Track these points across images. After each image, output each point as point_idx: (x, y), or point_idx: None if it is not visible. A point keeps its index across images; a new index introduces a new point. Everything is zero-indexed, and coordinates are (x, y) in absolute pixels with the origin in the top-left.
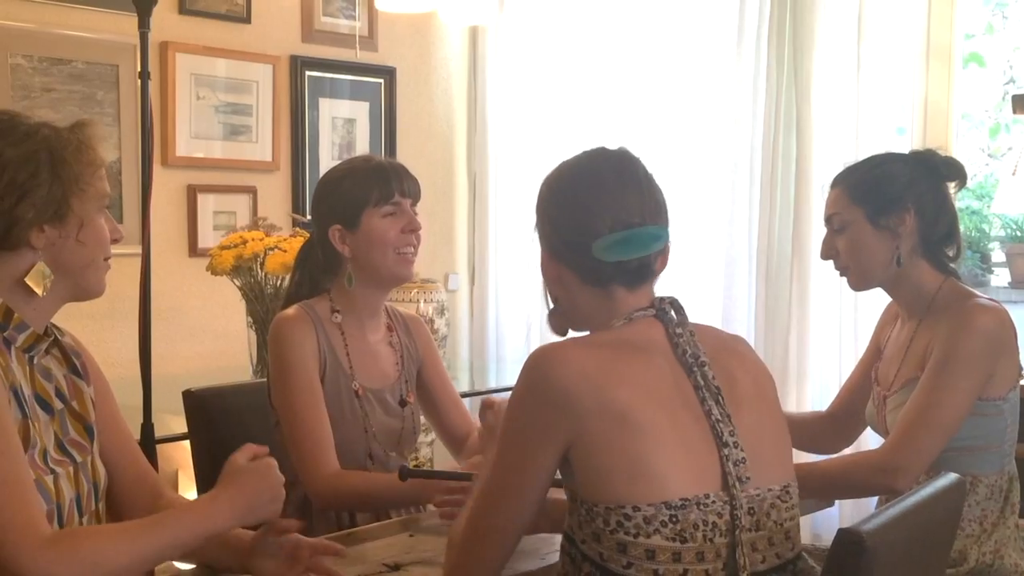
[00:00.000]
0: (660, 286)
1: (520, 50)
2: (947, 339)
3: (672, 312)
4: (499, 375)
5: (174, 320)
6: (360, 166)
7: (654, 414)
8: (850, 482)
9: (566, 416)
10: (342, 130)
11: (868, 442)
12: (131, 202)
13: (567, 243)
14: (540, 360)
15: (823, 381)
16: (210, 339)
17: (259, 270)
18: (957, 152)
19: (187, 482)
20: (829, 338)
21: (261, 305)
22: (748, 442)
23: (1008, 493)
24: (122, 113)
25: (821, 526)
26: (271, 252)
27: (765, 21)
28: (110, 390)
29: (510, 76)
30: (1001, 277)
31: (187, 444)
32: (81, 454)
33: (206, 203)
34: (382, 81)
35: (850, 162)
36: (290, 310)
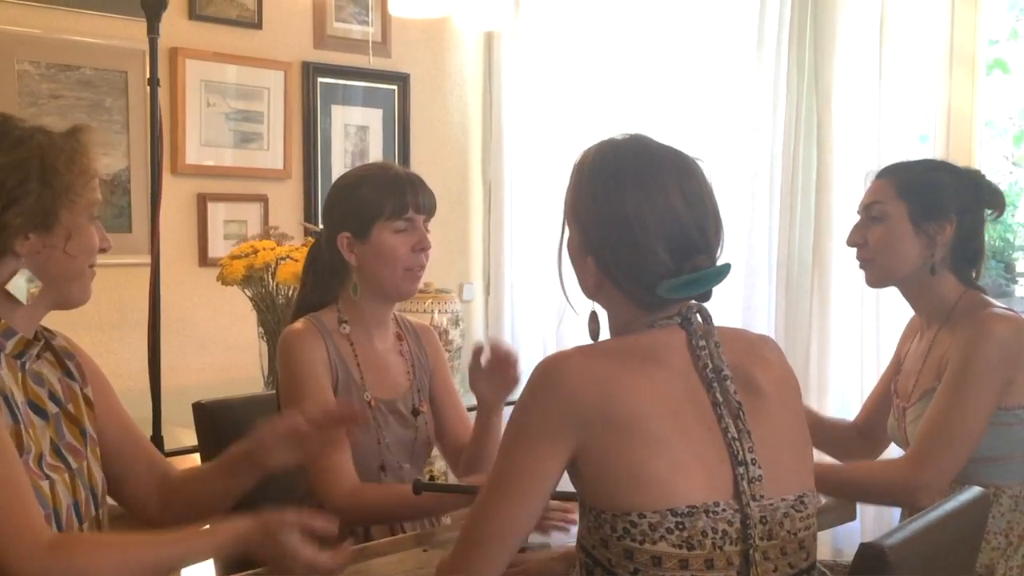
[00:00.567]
0: None
1: (536, 56)
2: (963, 349)
3: (699, 319)
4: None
5: (184, 331)
6: (377, 175)
7: (660, 424)
8: (871, 493)
9: (572, 423)
10: (355, 137)
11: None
12: (140, 211)
13: (626, 274)
14: (548, 367)
15: (844, 393)
16: (220, 350)
17: (270, 280)
18: (980, 160)
19: None
20: (850, 349)
21: (272, 316)
22: (766, 454)
23: None
24: (131, 120)
25: (843, 540)
26: (282, 262)
27: (785, 26)
28: (109, 385)
29: (526, 82)
30: None
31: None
32: (76, 459)
33: (216, 212)
34: (395, 88)
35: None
36: (298, 324)
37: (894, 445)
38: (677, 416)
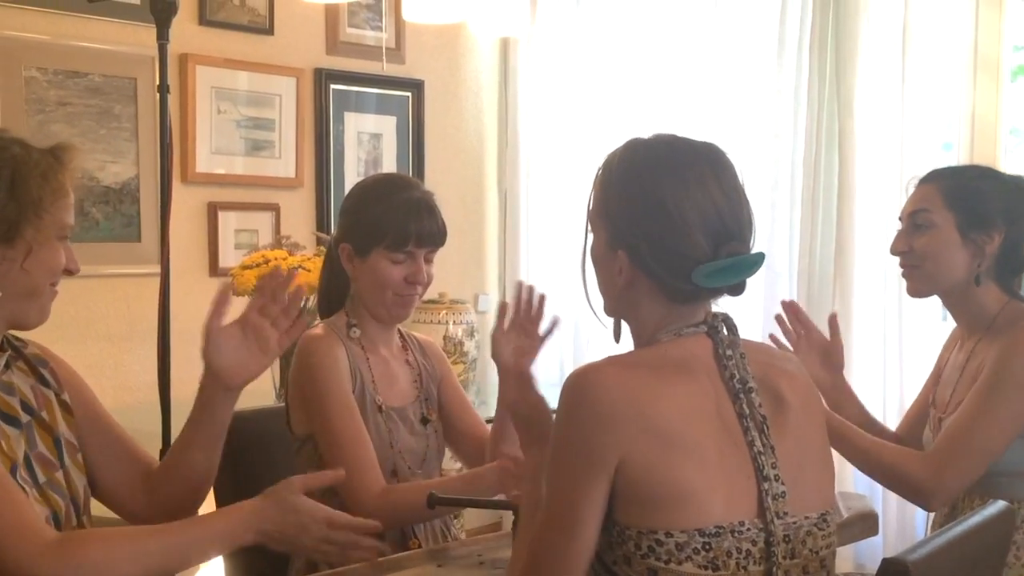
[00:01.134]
0: None
1: (553, 62)
2: (997, 360)
3: (724, 330)
4: None
5: (194, 342)
6: (392, 196)
7: (695, 436)
8: (884, 475)
9: (611, 436)
10: (368, 145)
11: None
12: (149, 220)
13: (661, 261)
14: (579, 381)
15: (866, 404)
16: None
17: None
18: (1004, 169)
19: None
20: (873, 360)
21: None
22: (789, 471)
23: None
24: (140, 128)
25: (865, 555)
26: (295, 272)
27: (807, 31)
28: (87, 389)
29: (542, 89)
30: None
31: None
32: (46, 471)
33: (227, 221)
34: (410, 94)
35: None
36: (316, 330)
37: None
38: (709, 428)
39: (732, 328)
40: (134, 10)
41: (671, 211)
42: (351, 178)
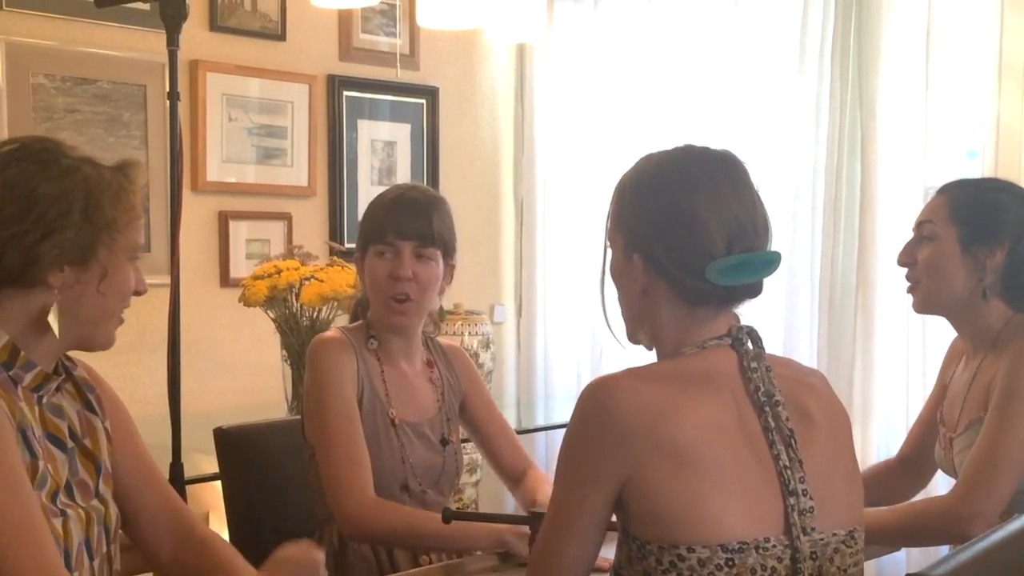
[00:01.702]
0: None
1: (570, 69)
2: (1008, 373)
3: (749, 343)
4: (547, 412)
5: (204, 354)
6: (386, 194)
7: (714, 452)
8: (921, 531)
9: (621, 451)
10: (382, 153)
11: (939, 485)
12: (159, 229)
13: (675, 259)
14: (596, 391)
15: (889, 419)
16: (243, 374)
17: (294, 301)
18: None
19: (219, 524)
20: (896, 373)
21: (296, 338)
22: (817, 485)
23: None
24: (150, 136)
25: (887, 572)
26: (307, 282)
27: (828, 37)
28: (130, 421)
29: (559, 96)
30: None
31: (219, 485)
32: (85, 497)
33: (238, 230)
34: (424, 102)
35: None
36: (329, 332)
37: (942, 475)
38: (731, 443)
39: (757, 341)
40: (144, 16)
41: (684, 210)
42: (364, 187)
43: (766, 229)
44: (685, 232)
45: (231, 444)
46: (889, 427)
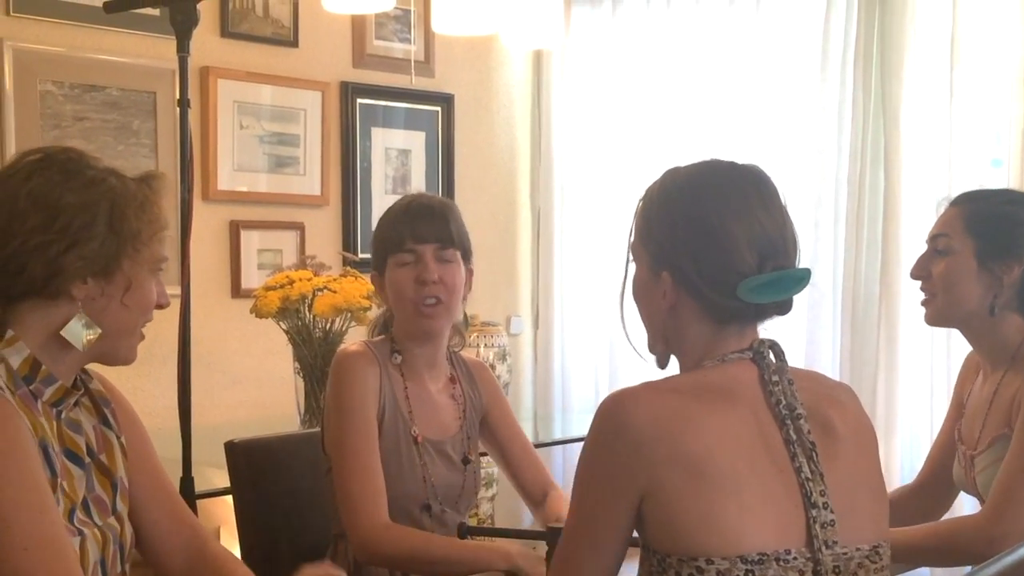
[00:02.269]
0: None
1: (587, 76)
2: None
3: (771, 356)
4: (565, 426)
5: (215, 366)
6: (394, 207)
7: (732, 465)
8: (948, 550)
9: (638, 464)
10: (396, 162)
11: (964, 506)
12: (170, 240)
13: (705, 277)
14: (613, 405)
15: (913, 433)
16: (254, 386)
17: (307, 312)
18: None
19: (230, 540)
20: (920, 387)
21: (309, 350)
22: (840, 499)
23: None
24: (159, 144)
25: None
26: (320, 293)
27: (851, 44)
28: (145, 435)
29: (577, 104)
30: None
31: (230, 500)
32: (101, 515)
33: (250, 240)
34: (439, 109)
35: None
36: (353, 345)
37: (965, 495)
38: (749, 456)
39: (780, 355)
40: (153, 21)
41: (715, 226)
42: (378, 195)
43: (795, 245)
44: (716, 250)
45: (243, 458)
46: (913, 441)
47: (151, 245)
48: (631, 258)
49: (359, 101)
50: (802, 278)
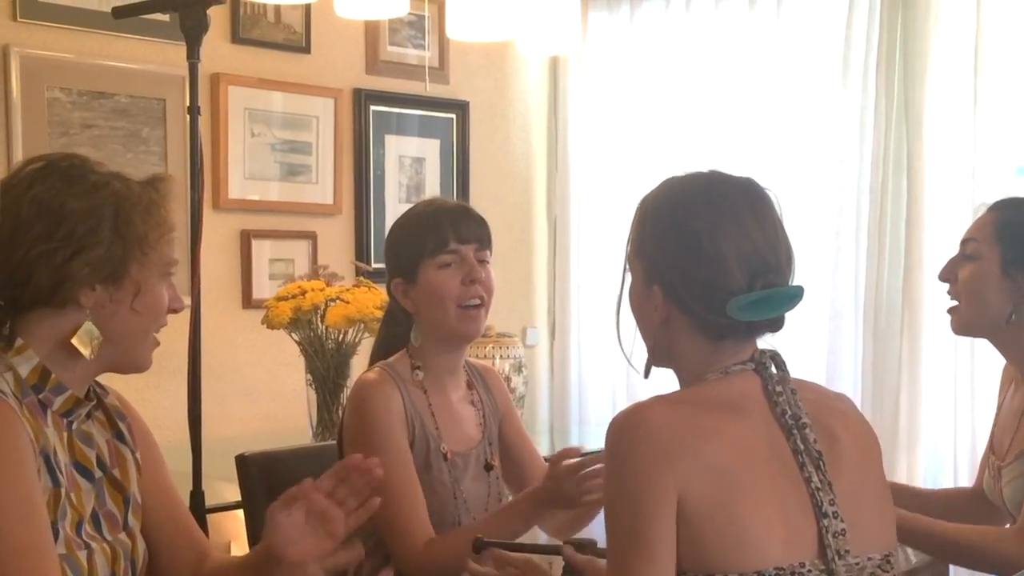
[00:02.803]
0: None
1: (604, 82)
2: None
3: (773, 367)
4: (582, 438)
5: (226, 378)
6: (419, 211)
7: (751, 473)
8: (968, 552)
9: (669, 470)
10: (410, 170)
11: None
12: (180, 249)
13: (695, 294)
14: (629, 420)
15: (936, 446)
16: (266, 399)
17: (319, 323)
18: None
19: (240, 548)
20: (944, 398)
21: (322, 362)
22: (848, 509)
23: None
24: (169, 151)
25: None
26: (333, 303)
27: (873, 50)
28: (158, 453)
29: (594, 110)
30: None
31: (241, 514)
32: (112, 530)
33: (261, 250)
34: (454, 116)
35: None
36: (371, 373)
37: None
38: (764, 466)
39: (781, 365)
40: (163, 27)
41: (704, 243)
42: (392, 204)
43: (789, 262)
44: (705, 267)
45: (254, 471)
46: (936, 455)
47: (159, 248)
48: (627, 268)
49: (372, 108)
50: (794, 295)
